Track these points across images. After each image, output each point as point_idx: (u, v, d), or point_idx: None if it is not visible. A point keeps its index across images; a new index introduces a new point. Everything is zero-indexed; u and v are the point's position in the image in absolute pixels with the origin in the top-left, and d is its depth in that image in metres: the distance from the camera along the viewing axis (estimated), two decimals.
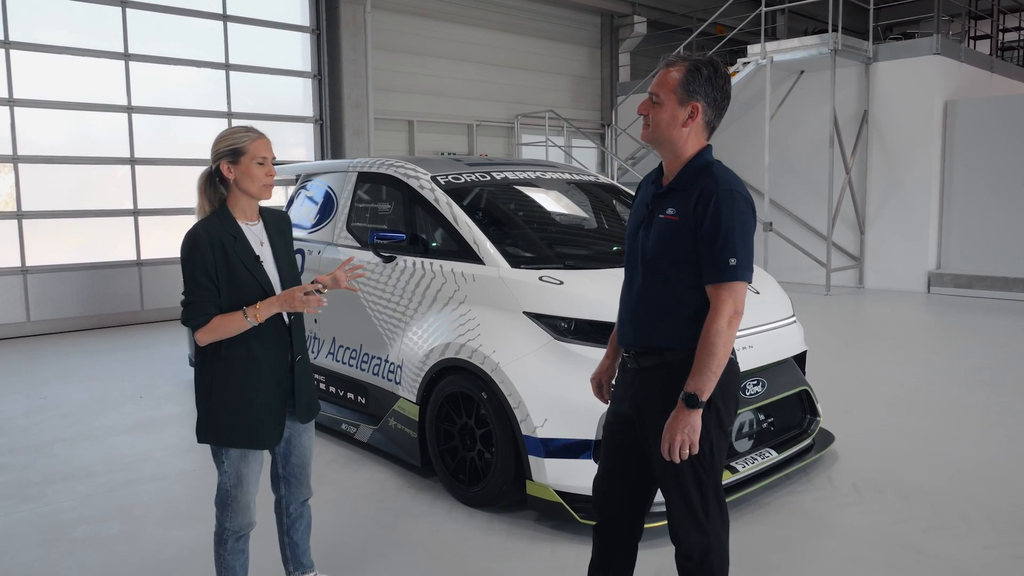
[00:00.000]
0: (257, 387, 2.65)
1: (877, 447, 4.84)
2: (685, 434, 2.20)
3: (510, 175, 4.95)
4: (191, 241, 2.57)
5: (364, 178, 5.13)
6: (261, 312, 2.57)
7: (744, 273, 2.22)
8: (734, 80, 12.34)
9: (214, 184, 2.66)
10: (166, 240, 10.03)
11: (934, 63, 11.65)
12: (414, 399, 4.25)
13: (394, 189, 4.87)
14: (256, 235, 2.70)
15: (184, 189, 10.14)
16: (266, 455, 2.79)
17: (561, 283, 3.89)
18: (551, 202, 5.08)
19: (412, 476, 4.40)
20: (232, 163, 2.61)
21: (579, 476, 3.59)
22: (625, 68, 15.92)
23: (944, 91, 11.78)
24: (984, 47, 16.01)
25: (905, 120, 11.86)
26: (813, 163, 12.40)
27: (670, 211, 2.32)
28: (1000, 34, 14.85)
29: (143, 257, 9.93)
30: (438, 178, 4.65)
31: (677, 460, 2.23)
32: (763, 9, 12.18)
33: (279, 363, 2.71)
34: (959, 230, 11.82)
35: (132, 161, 9.85)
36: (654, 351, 2.36)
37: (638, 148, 13.68)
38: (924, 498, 4.07)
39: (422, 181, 4.63)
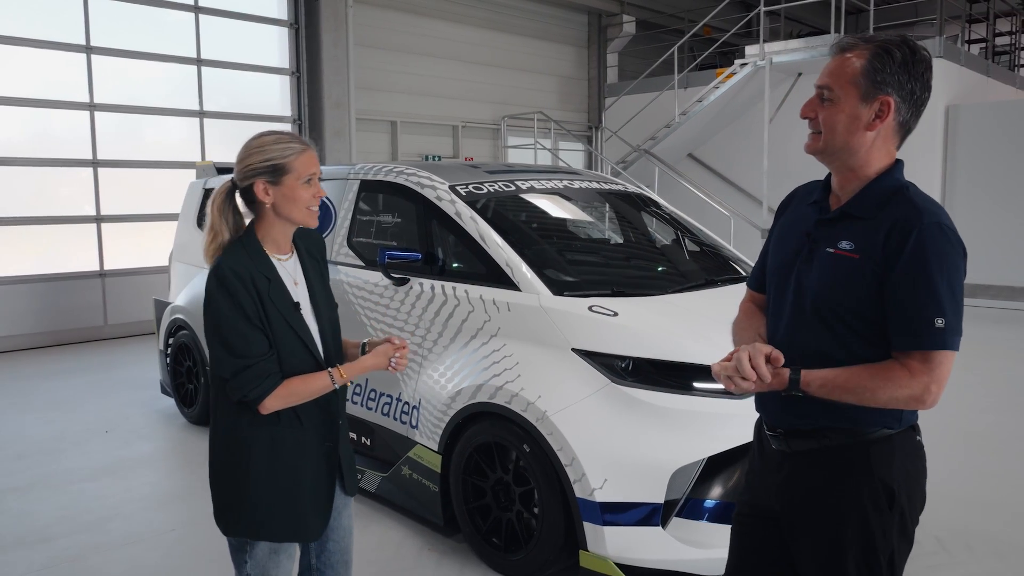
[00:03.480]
0: (307, 463, 2.09)
1: (949, 490, 4.32)
2: (750, 374, 1.64)
3: (536, 184, 4.36)
4: (223, 286, 1.96)
5: (368, 187, 4.50)
6: (348, 376, 2.08)
7: (953, 339, 1.64)
8: (729, 83, 11.92)
9: (232, 205, 2.04)
10: (132, 249, 9.26)
11: (936, 66, 11.13)
12: (436, 447, 3.63)
13: (405, 200, 4.25)
14: (289, 273, 2.10)
15: (152, 194, 9.41)
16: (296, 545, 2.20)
17: (615, 314, 3.31)
18: (584, 216, 4.51)
19: (432, 534, 3.79)
20: (272, 183, 2.02)
21: (644, 547, 3.01)
22: (613, 69, 15.40)
23: (945, 95, 11.44)
24: (975, 51, 15.80)
25: None
26: (813, 168, 11.87)
27: (845, 245, 1.74)
28: (993, 38, 14.66)
29: (106, 267, 9.14)
30: (457, 188, 4.04)
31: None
32: (762, 9, 11.74)
33: (328, 430, 2.14)
34: (962, 238, 11.47)
35: (95, 163, 9.06)
36: (811, 431, 1.78)
37: (629, 151, 13.16)
38: (1022, 555, 3.56)
39: (439, 192, 4.02)
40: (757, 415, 1.97)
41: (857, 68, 1.72)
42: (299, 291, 2.11)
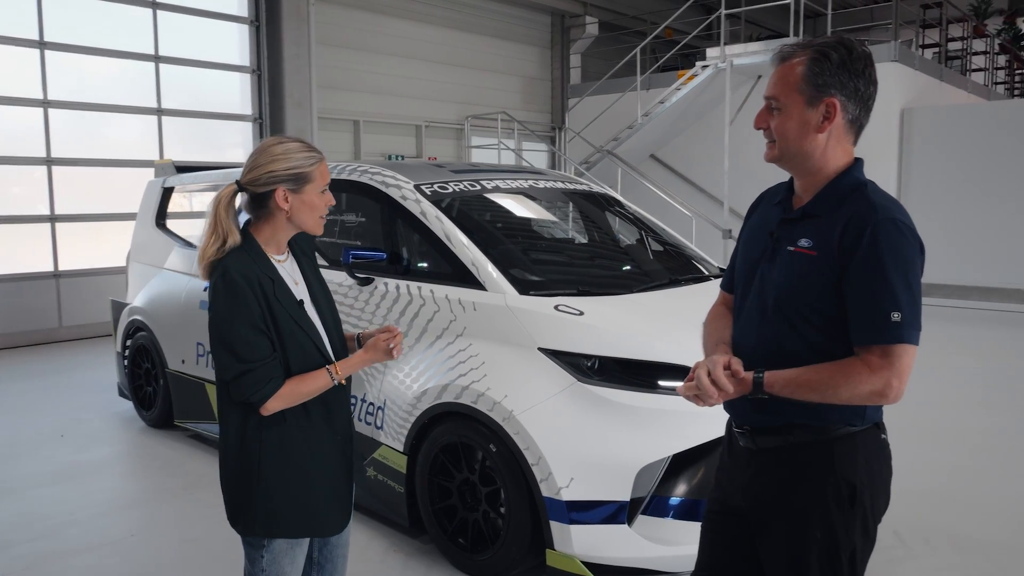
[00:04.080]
0: (320, 459, 2.10)
1: (906, 485, 4.38)
2: (712, 391, 1.70)
3: (501, 184, 4.36)
4: (230, 290, 1.95)
5: (331, 186, 4.44)
6: (344, 371, 2.10)
7: (911, 333, 1.65)
8: (691, 85, 12.04)
9: (234, 207, 2.04)
10: (87, 249, 9.06)
11: (891, 70, 11.53)
12: (401, 448, 3.61)
13: (369, 200, 4.21)
14: (289, 273, 2.12)
15: (108, 193, 9.22)
16: None
17: (581, 313, 3.32)
18: (550, 216, 4.52)
19: (398, 535, 3.77)
20: (293, 191, 2.02)
21: (611, 545, 3.03)
22: (576, 70, 15.48)
23: (900, 98, 11.70)
24: (928, 56, 16.17)
25: None
26: (772, 169, 12.06)
27: (804, 243, 1.77)
28: (946, 43, 15.01)
29: (61, 268, 8.93)
30: (423, 187, 4.02)
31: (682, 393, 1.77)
32: (723, 12, 11.89)
33: (340, 423, 2.16)
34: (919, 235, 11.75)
35: (48, 161, 8.84)
36: (777, 428, 1.81)
37: (592, 152, 13.23)
38: (980, 549, 3.66)
39: (404, 191, 4.00)
40: (722, 413, 1.99)
41: (798, 75, 1.75)
42: (300, 290, 2.12)
